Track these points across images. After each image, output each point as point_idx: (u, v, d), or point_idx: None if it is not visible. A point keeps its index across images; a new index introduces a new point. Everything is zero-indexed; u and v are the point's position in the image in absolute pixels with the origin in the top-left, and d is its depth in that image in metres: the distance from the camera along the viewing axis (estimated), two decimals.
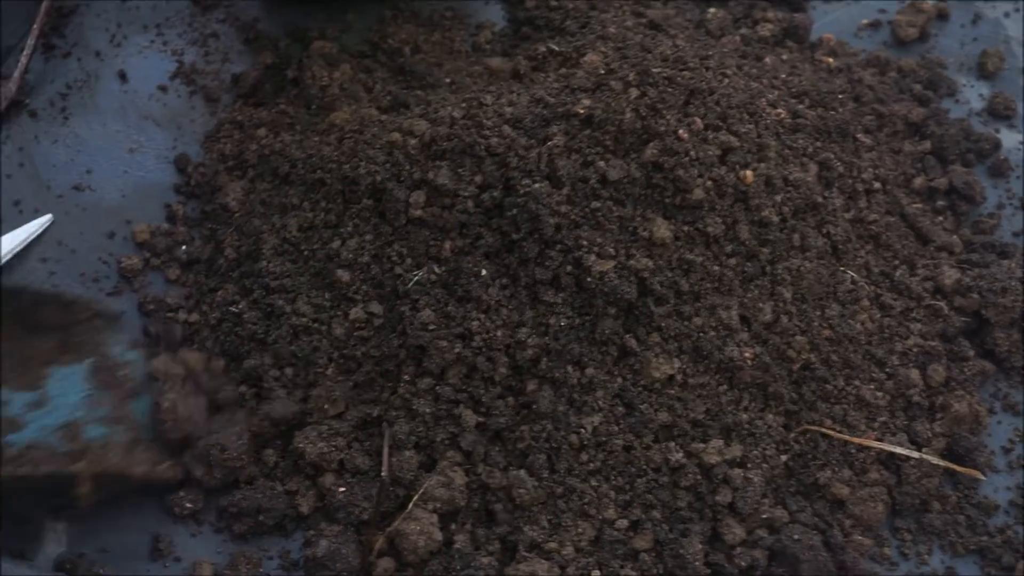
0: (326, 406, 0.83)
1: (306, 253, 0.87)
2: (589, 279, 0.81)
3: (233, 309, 0.87)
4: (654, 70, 0.85)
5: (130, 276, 0.90)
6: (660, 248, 0.82)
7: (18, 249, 0.88)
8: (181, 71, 1.00)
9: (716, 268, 0.83)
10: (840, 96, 0.97)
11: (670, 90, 0.85)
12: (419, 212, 0.84)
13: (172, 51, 1.02)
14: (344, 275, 0.85)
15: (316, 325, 0.85)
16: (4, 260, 0.87)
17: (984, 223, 0.97)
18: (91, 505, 0.77)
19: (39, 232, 0.90)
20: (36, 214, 0.91)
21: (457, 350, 0.81)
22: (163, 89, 1.00)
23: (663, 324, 0.82)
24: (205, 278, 0.90)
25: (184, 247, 0.91)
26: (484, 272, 0.82)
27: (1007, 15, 1.11)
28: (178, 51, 1.02)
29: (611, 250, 0.81)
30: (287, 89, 0.99)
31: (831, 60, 1.02)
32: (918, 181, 0.97)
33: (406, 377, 0.82)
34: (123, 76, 1.00)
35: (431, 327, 0.81)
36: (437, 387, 0.81)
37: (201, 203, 0.93)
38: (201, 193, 0.94)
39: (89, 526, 0.79)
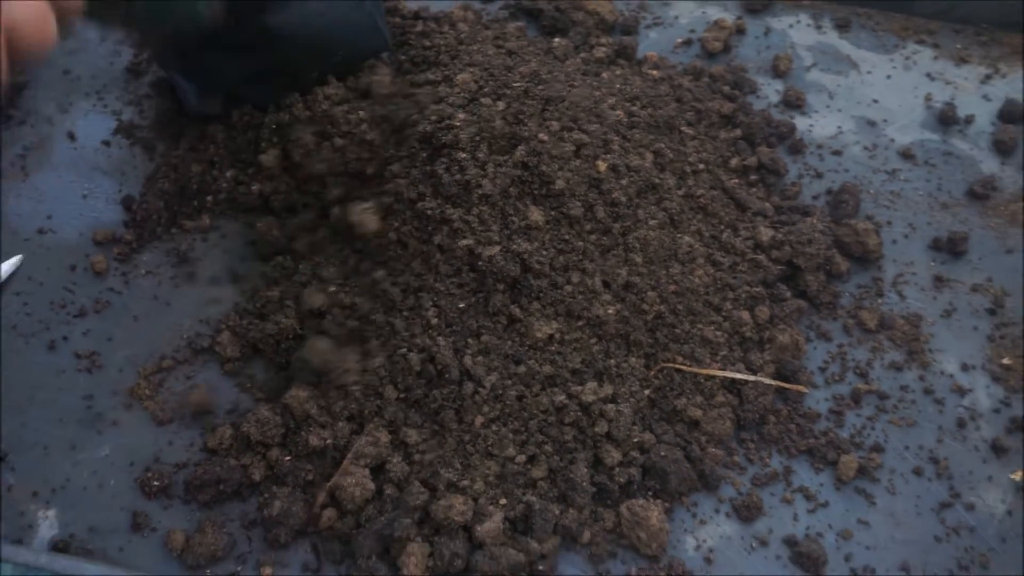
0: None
1: None
2: (480, 263, 0.79)
3: None
4: (515, 84, 0.85)
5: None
6: (535, 231, 0.81)
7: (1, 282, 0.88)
8: (121, 127, 0.99)
9: (580, 244, 0.82)
10: (665, 98, 0.97)
11: (529, 100, 0.85)
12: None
13: (112, 111, 1.00)
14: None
15: None
16: None
17: (789, 191, 0.97)
18: None
19: (13, 271, 0.88)
20: (8, 256, 0.89)
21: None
22: (107, 144, 0.97)
23: (541, 294, 0.80)
24: None
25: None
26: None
27: (791, 26, 1.12)
28: (117, 111, 1.00)
29: (496, 237, 0.80)
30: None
31: (655, 72, 1.02)
32: (734, 161, 0.97)
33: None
34: (72, 136, 0.98)
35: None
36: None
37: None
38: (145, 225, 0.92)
39: (77, 510, 0.77)
